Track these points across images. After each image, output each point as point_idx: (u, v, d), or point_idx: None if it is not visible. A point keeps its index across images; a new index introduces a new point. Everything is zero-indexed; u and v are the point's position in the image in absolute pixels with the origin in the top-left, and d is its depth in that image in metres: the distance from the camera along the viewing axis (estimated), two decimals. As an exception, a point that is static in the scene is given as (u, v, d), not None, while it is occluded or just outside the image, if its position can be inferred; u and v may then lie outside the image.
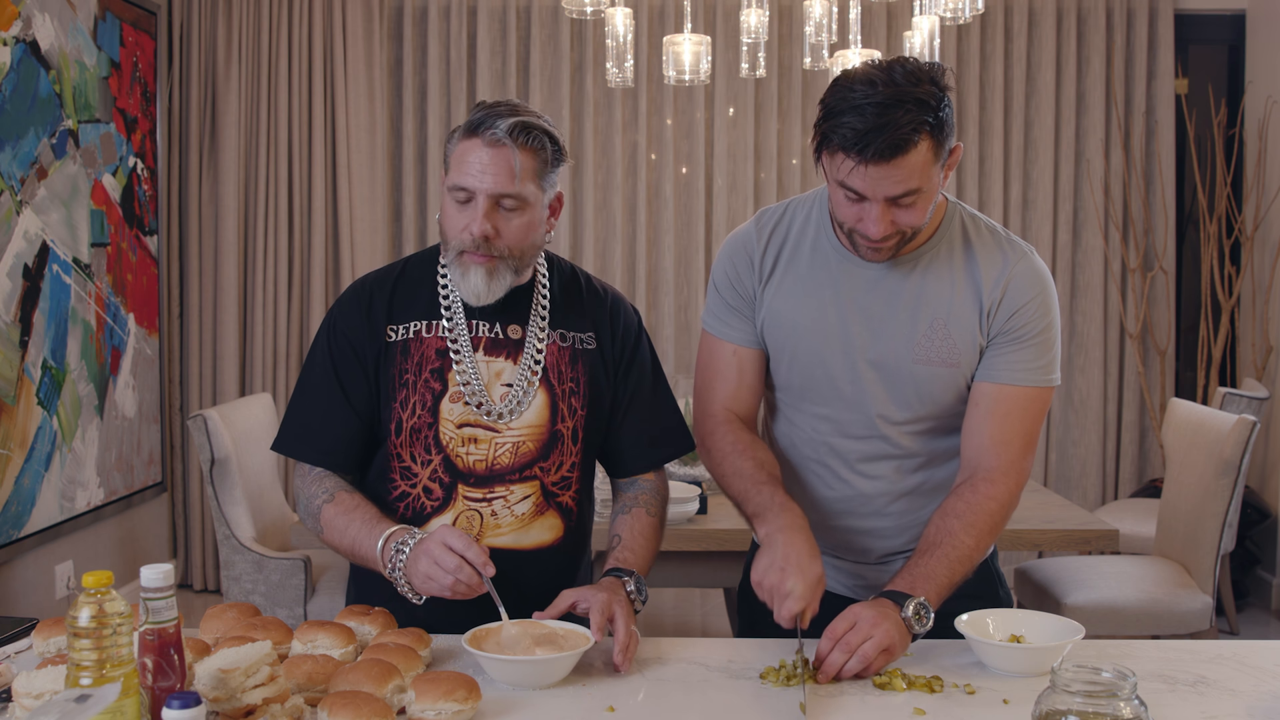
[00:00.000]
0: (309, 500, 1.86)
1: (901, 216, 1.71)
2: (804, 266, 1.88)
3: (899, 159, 1.64)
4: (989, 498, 1.79)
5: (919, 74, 1.66)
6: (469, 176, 1.76)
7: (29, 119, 3.95)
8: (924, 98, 1.64)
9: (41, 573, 4.10)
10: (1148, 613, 3.39)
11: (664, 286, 5.27)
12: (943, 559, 1.74)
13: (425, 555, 1.67)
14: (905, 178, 1.66)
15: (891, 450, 1.88)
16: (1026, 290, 1.81)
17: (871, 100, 1.62)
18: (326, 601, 3.42)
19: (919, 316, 1.82)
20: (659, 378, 2.00)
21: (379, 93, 5.16)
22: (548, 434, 1.86)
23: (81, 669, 1.26)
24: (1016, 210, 5.26)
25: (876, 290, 1.83)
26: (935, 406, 1.85)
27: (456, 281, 1.82)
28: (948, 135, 1.68)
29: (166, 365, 5.05)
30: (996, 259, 1.83)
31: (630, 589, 1.78)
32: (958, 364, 1.82)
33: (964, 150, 5.16)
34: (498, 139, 1.75)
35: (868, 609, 1.64)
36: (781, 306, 1.88)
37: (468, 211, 1.78)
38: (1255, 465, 5.00)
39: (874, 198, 1.68)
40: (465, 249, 1.79)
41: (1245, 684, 1.61)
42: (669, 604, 4.88)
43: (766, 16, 3.88)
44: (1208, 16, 5.34)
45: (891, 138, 1.62)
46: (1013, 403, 1.82)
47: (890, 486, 1.90)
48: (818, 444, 1.91)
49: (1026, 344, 1.81)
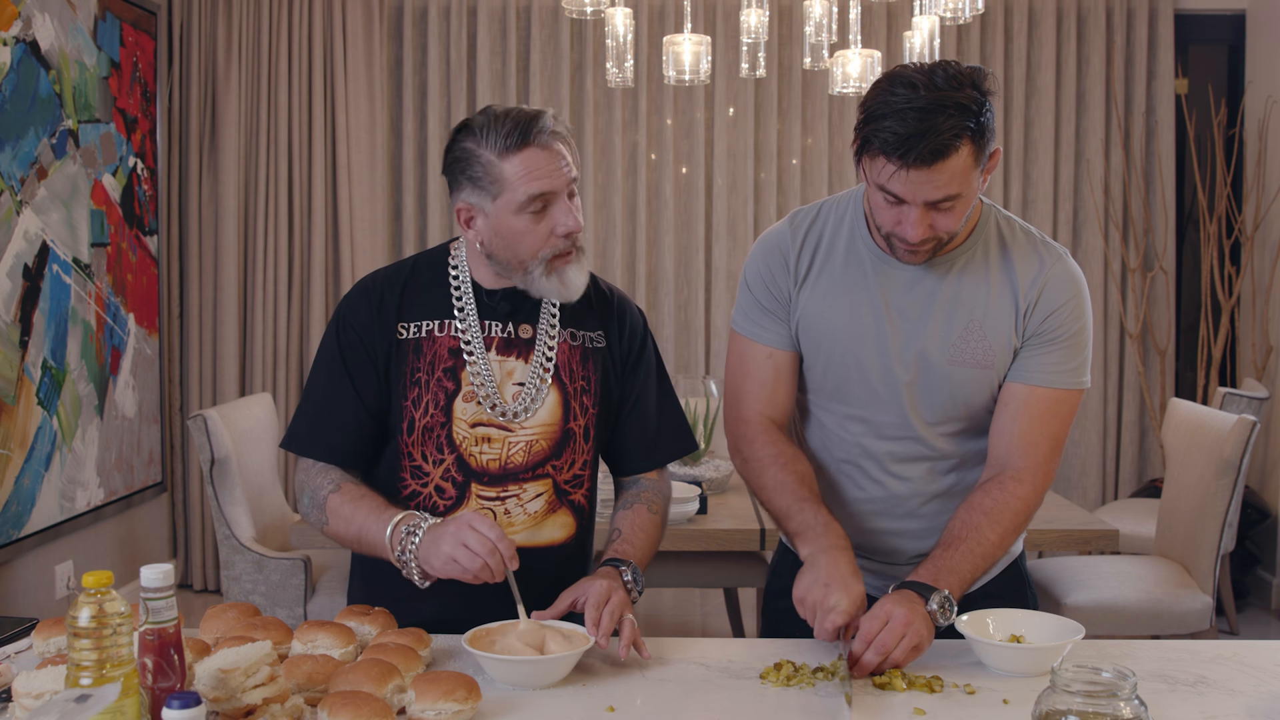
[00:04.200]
0: (314, 491, 1.85)
1: (940, 221, 1.71)
2: (839, 268, 1.88)
3: (940, 164, 1.63)
4: (1016, 496, 1.80)
5: (961, 78, 1.65)
6: (545, 181, 1.76)
7: (29, 119, 3.95)
8: (966, 102, 1.63)
9: (41, 573, 4.10)
10: (1148, 613, 3.39)
11: (664, 286, 5.27)
12: (967, 554, 1.75)
13: (451, 537, 1.65)
14: (946, 183, 1.66)
15: (925, 452, 1.88)
16: (1062, 293, 1.82)
17: (913, 105, 1.62)
18: (326, 601, 3.42)
19: (955, 318, 1.82)
20: (663, 378, 2.02)
21: (379, 93, 5.16)
22: (560, 432, 1.87)
23: (81, 669, 1.26)
24: (1016, 210, 5.26)
25: (913, 292, 1.84)
26: (968, 408, 1.86)
27: (554, 290, 1.82)
28: (989, 140, 1.68)
29: (166, 365, 5.05)
30: (1033, 261, 1.83)
31: (627, 578, 1.78)
32: (992, 365, 1.83)
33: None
34: (549, 139, 1.76)
35: (899, 607, 1.64)
36: (817, 308, 1.88)
37: (547, 218, 1.78)
38: (1255, 465, 5.00)
39: (913, 202, 1.68)
40: (556, 254, 1.80)
41: (1245, 684, 1.61)
42: (669, 604, 4.88)
43: (766, 16, 3.88)
44: (1208, 16, 5.34)
45: (933, 143, 1.62)
46: (1043, 404, 1.82)
47: (923, 488, 1.90)
48: (850, 445, 1.91)
49: (1059, 346, 1.82)
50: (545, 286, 1.82)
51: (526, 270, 1.81)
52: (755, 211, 5.26)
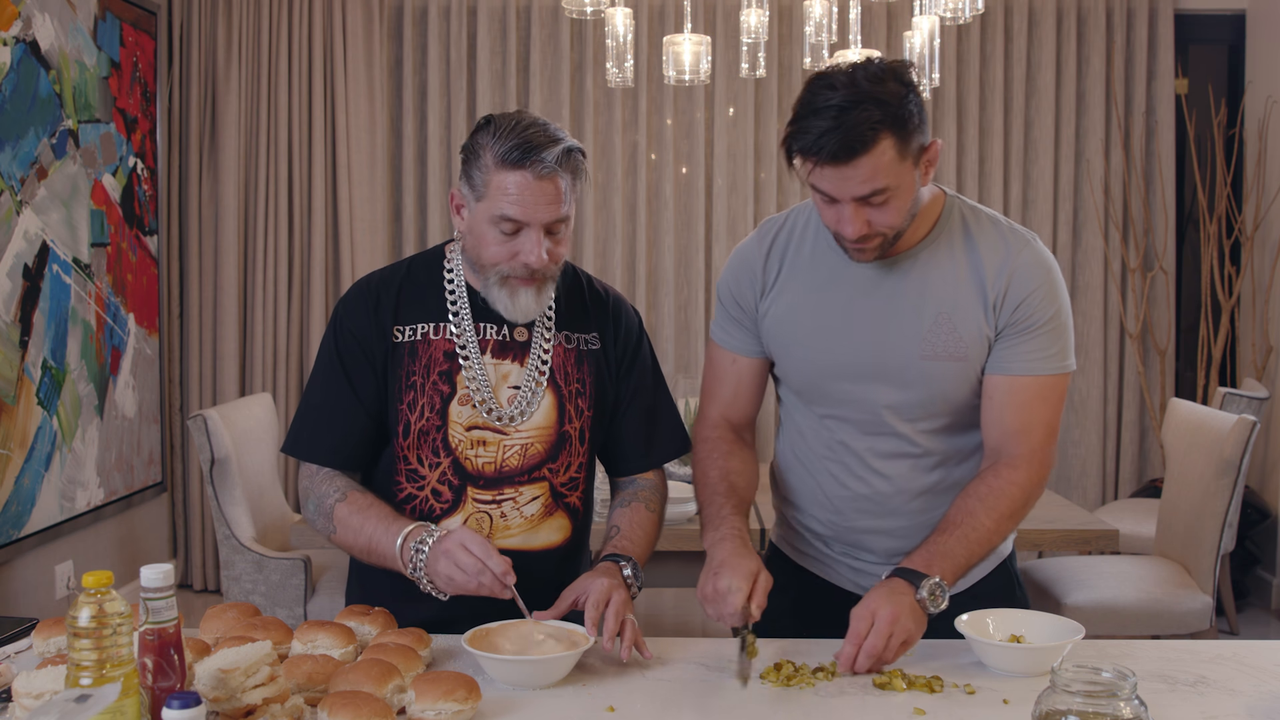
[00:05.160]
0: (320, 500, 1.85)
1: (876, 216, 1.71)
2: (806, 269, 1.88)
3: (859, 159, 1.64)
4: (1011, 482, 1.80)
5: (883, 74, 1.66)
6: (521, 209, 1.75)
7: (29, 119, 3.95)
8: (885, 97, 1.64)
9: (41, 573, 4.10)
10: (1148, 613, 3.39)
11: (664, 286, 5.27)
12: (961, 539, 1.74)
13: (445, 557, 1.67)
14: (869, 177, 1.66)
15: (907, 448, 1.88)
16: (1031, 279, 1.80)
17: (832, 103, 1.64)
18: (326, 601, 3.42)
19: (924, 312, 1.82)
20: (658, 378, 2.02)
21: (379, 93, 5.16)
22: (556, 435, 1.87)
23: (81, 669, 1.26)
24: (1016, 210, 5.26)
25: (879, 288, 1.83)
26: (947, 402, 1.85)
27: (502, 304, 1.82)
28: (913, 132, 1.68)
29: (166, 365, 5.05)
30: (999, 249, 1.82)
31: (627, 574, 1.79)
32: (965, 357, 1.81)
33: (964, 150, 5.23)
34: (549, 170, 1.74)
35: (885, 604, 1.64)
36: (786, 311, 1.89)
37: (516, 241, 1.77)
38: (1255, 465, 5.00)
39: (843, 198, 1.69)
40: (515, 274, 1.79)
41: (1245, 684, 1.61)
42: (669, 604, 4.88)
43: (766, 16, 3.88)
44: (1208, 16, 5.34)
45: (846, 138, 1.62)
46: (1030, 392, 1.81)
47: (907, 484, 1.90)
48: (832, 443, 1.92)
49: (1037, 333, 1.80)
50: (496, 297, 1.83)
51: (485, 276, 1.82)
52: (755, 211, 5.26)
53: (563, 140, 1.77)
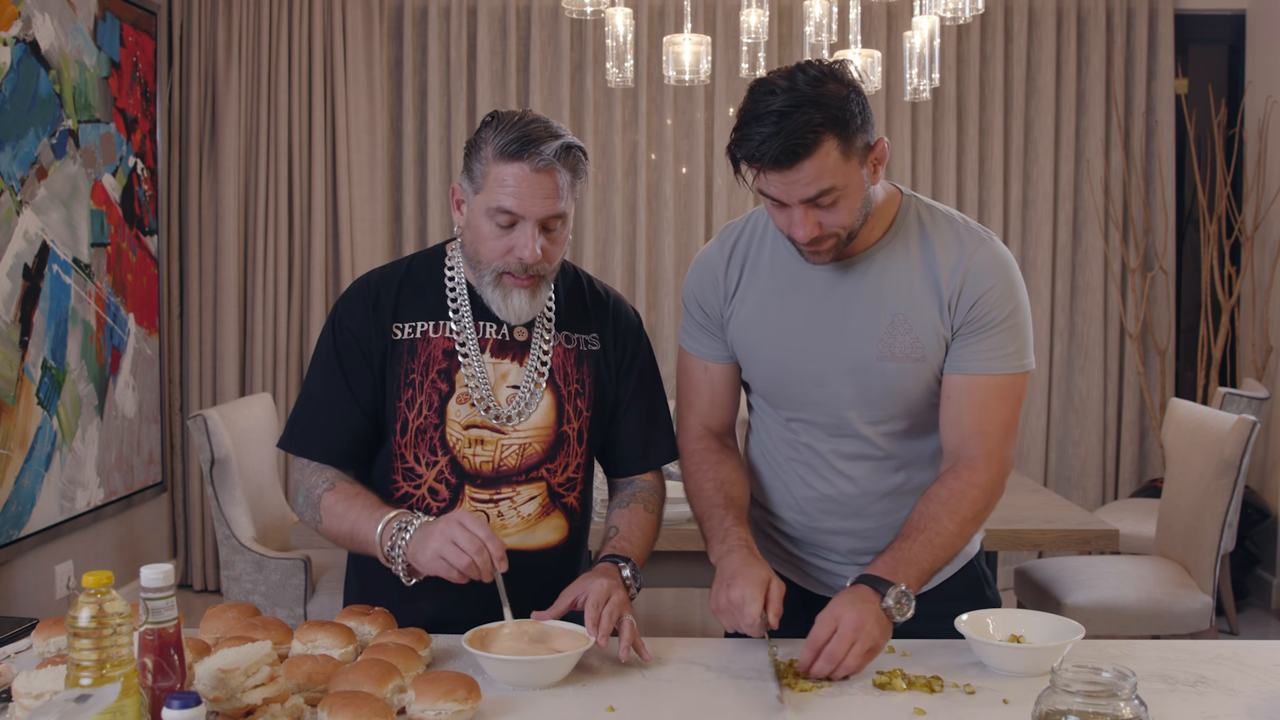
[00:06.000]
0: (309, 490, 1.85)
1: (827, 218, 1.71)
2: (766, 274, 1.89)
3: (802, 163, 1.64)
4: (971, 484, 1.79)
5: (823, 75, 1.66)
6: (517, 201, 1.74)
7: (29, 119, 3.95)
8: (824, 99, 1.64)
9: (41, 573, 4.10)
10: (1148, 613, 3.39)
11: (664, 287, 5.27)
12: (925, 545, 1.74)
13: (440, 534, 1.65)
14: (815, 179, 1.66)
15: (869, 450, 1.88)
16: (986, 278, 1.78)
17: (772, 108, 1.63)
18: (326, 601, 3.42)
19: (880, 313, 1.81)
20: (656, 380, 2.02)
21: (379, 93, 5.16)
22: (554, 435, 1.87)
23: (81, 669, 1.26)
24: (1016, 210, 5.26)
25: (836, 291, 1.83)
26: (907, 404, 1.84)
27: (496, 303, 1.81)
28: (856, 132, 1.67)
29: (166, 365, 5.05)
30: (953, 248, 1.81)
31: (626, 574, 1.79)
32: (923, 358, 1.81)
33: (964, 150, 5.22)
34: (547, 163, 1.74)
35: (849, 610, 1.63)
36: (748, 315, 1.90)
37: (511, 235, 1.76)
38: (1255, 465, 5.00)
39: (791, 202, 1.69)
40: (509, 271, 1.78)
41: (1245, 684, 1.61)
42: (669, 604, 4.88)
43: (766, 16, 3.88)
44: (1208, 16, 5.34)
45: (788, 142, 1.62)
46: (988, 392, 1.80)
47: (871, 486, 1.90)
48: (797, 445, 1.92)
49: (993, 332, 1.79)
50: (490, 296, 1.82)
51: (480, 273, 1.82)
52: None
53: (563, 136, 1.77)
